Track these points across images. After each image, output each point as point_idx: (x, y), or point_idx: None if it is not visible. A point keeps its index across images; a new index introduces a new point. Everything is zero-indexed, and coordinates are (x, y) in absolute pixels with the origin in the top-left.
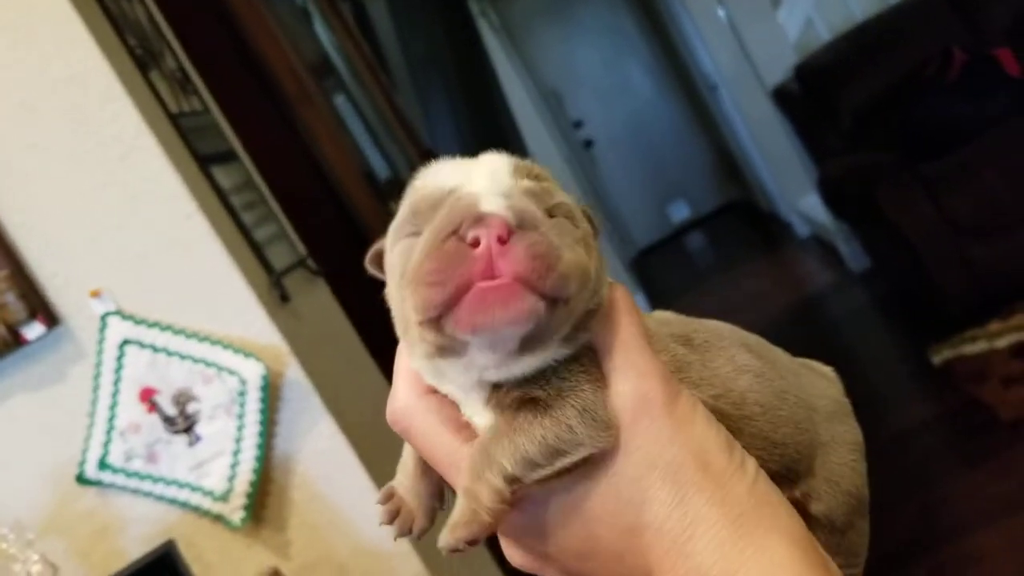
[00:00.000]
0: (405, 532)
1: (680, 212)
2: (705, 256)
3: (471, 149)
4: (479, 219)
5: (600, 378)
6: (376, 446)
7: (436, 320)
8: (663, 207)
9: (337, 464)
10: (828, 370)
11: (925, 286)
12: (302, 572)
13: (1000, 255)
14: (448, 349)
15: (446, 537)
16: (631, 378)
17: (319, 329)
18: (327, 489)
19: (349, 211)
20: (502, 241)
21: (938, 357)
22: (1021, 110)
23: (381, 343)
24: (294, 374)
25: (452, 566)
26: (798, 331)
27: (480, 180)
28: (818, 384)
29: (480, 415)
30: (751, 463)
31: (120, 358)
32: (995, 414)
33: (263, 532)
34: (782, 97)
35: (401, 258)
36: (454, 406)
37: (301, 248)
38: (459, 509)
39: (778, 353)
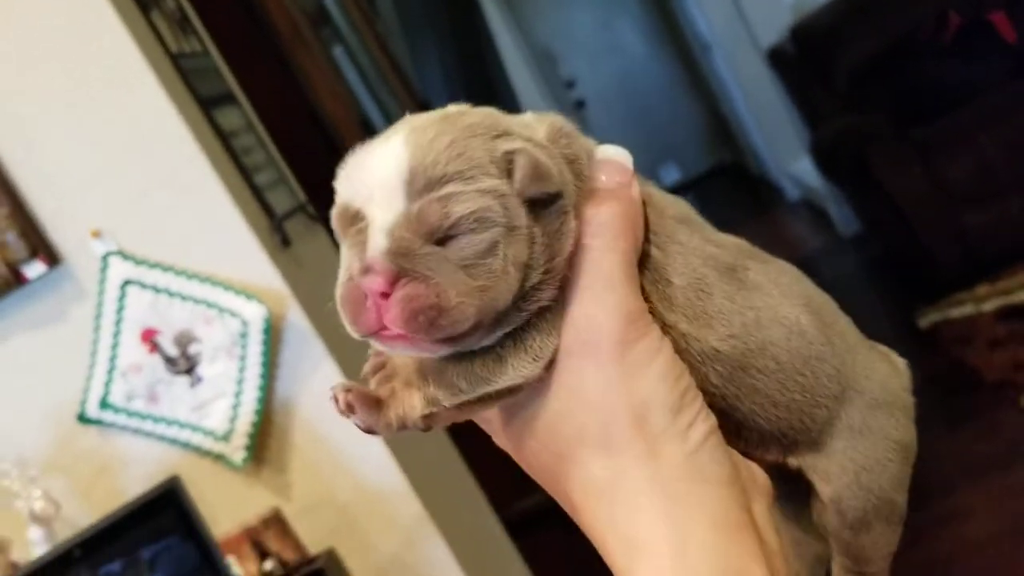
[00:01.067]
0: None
1: (671, 174)
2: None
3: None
4: (366, 269)
5: (553, 312)
6: None
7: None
8: (654, 169)
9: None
10: (901, 363)
11: (915, 250)
12: (303, 513)
13: (991, 221)
14: None
15: (344, 393)
16: (587, 314)
17: (320, 274)
18: (328, 431)
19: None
20: (385, 296)
21: (925, 320)
22: (1016, 75)
23: None
24: (296, 318)
25: (452, 507)
26: None
27: (375, 208)
28: (878, 369)
29: None
30: (700, 431)
31: (121, 298)
32: (980, 376)
33: (264, 473)
34: (776, 59)
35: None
36: None
37: (301, 194)
38: (382, 394)
39: (842, 324)
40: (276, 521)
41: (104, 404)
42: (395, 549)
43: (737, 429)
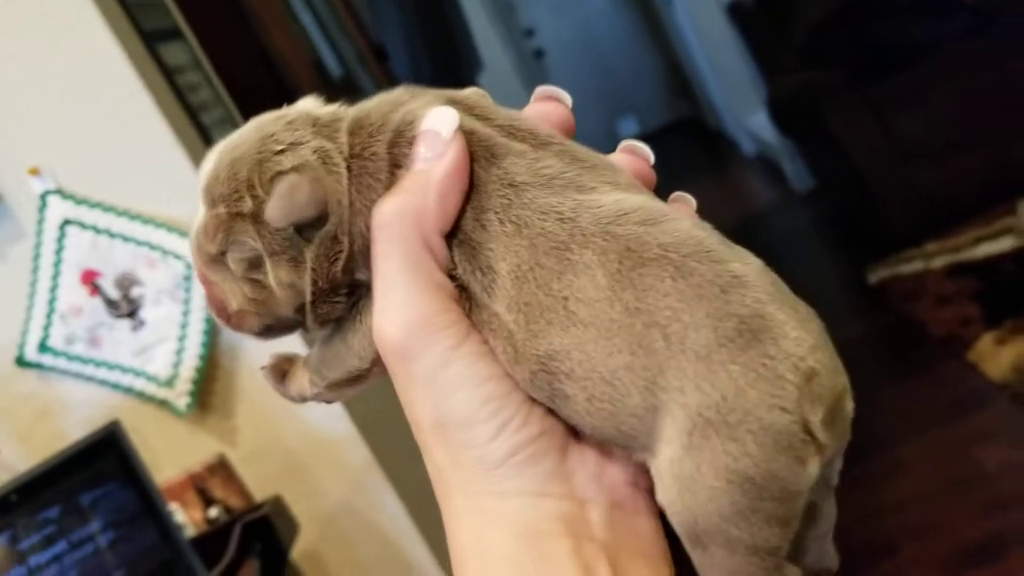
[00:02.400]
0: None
1: (629, 127)
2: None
3: (420, 51)
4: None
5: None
6: None
7: None
8: (613, 121)
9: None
10: (805, 365)
11: (867, 206)
12: (249, 459)
13: (943, 178)
14: None
15: (266, 364)
16: (374, 325)
17: None
18: None
19: (295, 101)
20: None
21: (874, 276)
22: (972, 33)
23: None
24: None
25: (400, 453)
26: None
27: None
28: (724, 380)
29: None
30: (503, 445)
31: (61, 239)
32: (927, 331)
33: (209, 419)
34: (736, 12)
35: None
36: None
37: None
38: (287, 368)
39: (702, 317)
40: (221, 467)
41: (43, 347)
42: (343, 495)
43: (573, 430)
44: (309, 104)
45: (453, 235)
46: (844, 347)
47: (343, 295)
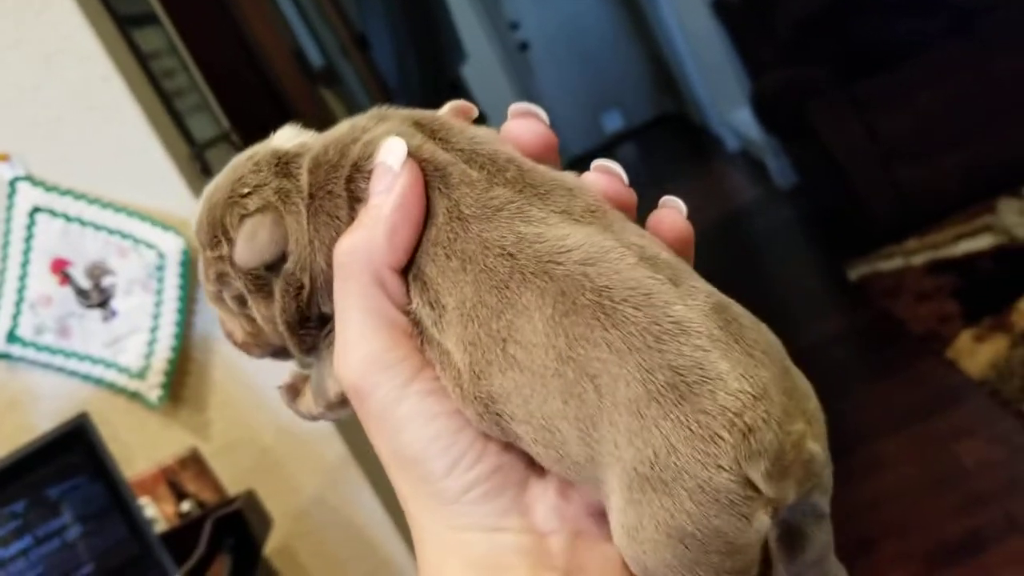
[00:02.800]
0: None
1: (614, 122)
2: (636, 170)
3: (404, 42)
4: None
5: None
6: None
7: None
8: (597, 116)
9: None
10: (741, 421)
11: (848, 203)
12: (222, 452)
13: (925, 177)
14: None
15: (287, 381)
16: (336, 361)
17: None
18: (249, 369)
19: (275, 89)
20: None
21: (855, 272)
22: (955, 33)
23: None
24: None
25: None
26: (722, 245)
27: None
28: (655, 437)
29: None
30: (459, 481)
31: (30, 226)
32: (906, 328)
33: (182, 412)
34: (722, 8)
35: None
36: None
37: (224, 122)
38: (300, 387)
39: (632, 366)
40: (194, 461)
41: (12, 337)
42: (317, 490)
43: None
44: (285, 135)
45: (408, 269)
46: (827, 343)
47: (312, 327)
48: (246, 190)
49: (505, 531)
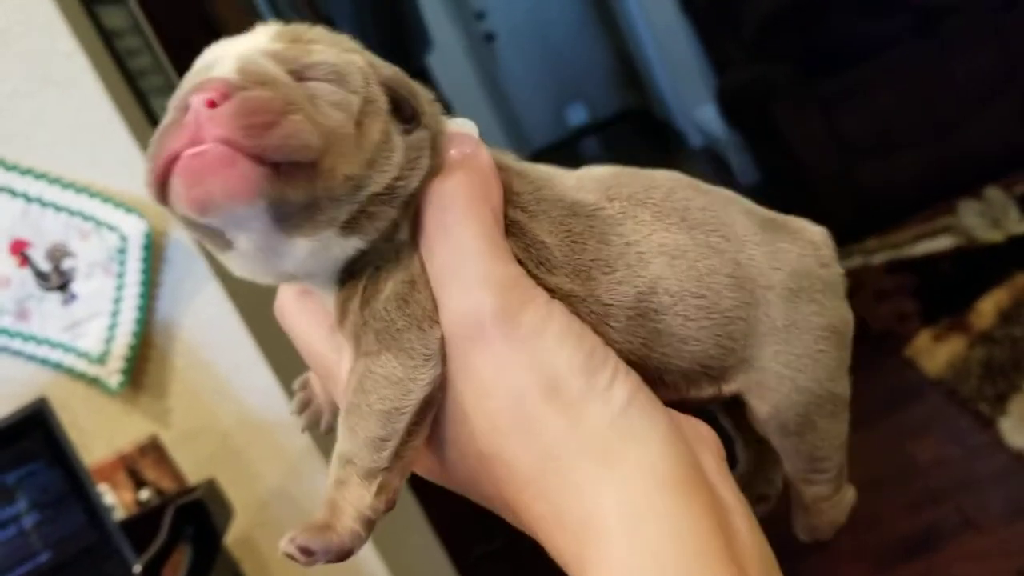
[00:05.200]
0: (312, 425)
1: (578, 115)
2: (600, 163)
3: (368, 27)
4: (200, 86)
5: (424, 301)
6: (265, 316)
7: (165, 204)
8: (561, 109)
9: (223, 332)
10: (816, 231)
11: (809, 201)
12: (183, 440)
13: (886, 176)
14: (210, 239)
15: (290, 543)
16: (456, 295)
17: None
18: (212, 357)
19: None
20: (213, 104)
21: None
22: (918, 34)
23: None
24: (179, 234)
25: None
26: None
27: (237, 48)
28: (785, 254)
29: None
30: (623, 389)
31: None
32: (865, 326)
33: (142, 398)
34: (688, 3)
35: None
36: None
37: None
38: (323, 517)
39: (734, 213)
40: (153, 448)
41: None
42: (279, 480)
43: (659, 377)
44: None
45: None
46: None
47: (392, 217)
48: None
49: (677, 442)
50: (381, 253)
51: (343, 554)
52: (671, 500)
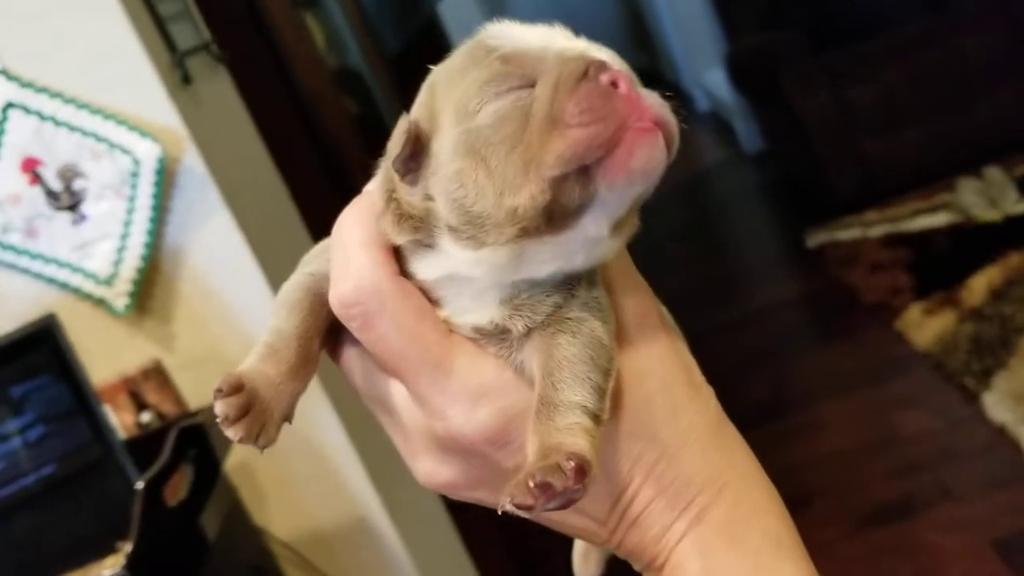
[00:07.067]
0: (251, 439)
1: None
2: None
3: None
4: (603, 66)
5: (604, 293)
6: (273, 247)
7: (582, 171)
8: None
9: (231, 260)
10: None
11: (812, 171)
12: (186, 366)
13: (889, 150)
14: (560, 217)
15: (521, 492)
16: (630, 290)
17: (220, 119)
18: (218, 284)
19: (256, 5)
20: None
21: (813, 240)
22: (927, 9)
23: (283, 143)
24: (191, 161)
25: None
26: (685, 204)
27: (565, 41)
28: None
29: (476, 313)
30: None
31: (2, 122)
32: (858, 297)
33: (147, 322)
34: None
35: (498, 119)
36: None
37: (206, 32)
38: (536, 465)
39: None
40: (156, 372)
41: None
42: None
43: None
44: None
45: None
46: (779, 307)
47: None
48: None
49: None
50: None
51: (572, 498)
52: (755, 462)
